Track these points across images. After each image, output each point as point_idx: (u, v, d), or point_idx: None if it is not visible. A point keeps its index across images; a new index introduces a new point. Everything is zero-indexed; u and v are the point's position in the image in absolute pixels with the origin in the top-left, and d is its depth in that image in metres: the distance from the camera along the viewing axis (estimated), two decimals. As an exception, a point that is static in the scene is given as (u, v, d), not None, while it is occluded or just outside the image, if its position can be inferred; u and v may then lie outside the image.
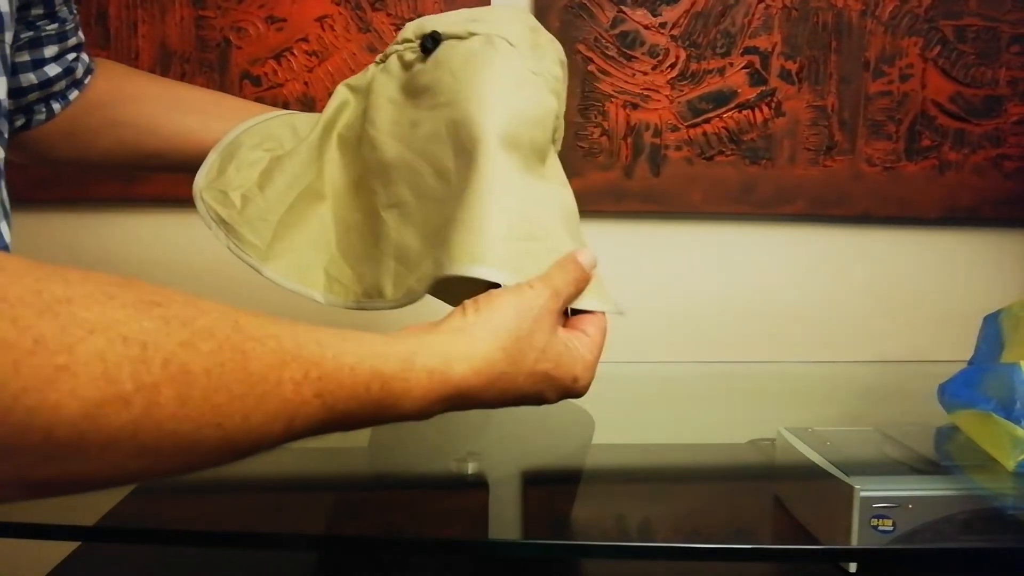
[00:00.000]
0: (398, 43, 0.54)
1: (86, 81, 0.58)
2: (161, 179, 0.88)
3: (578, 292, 0.45)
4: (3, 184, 0.42)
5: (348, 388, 0.32)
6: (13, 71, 0.52)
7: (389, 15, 0.90)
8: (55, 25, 0.53)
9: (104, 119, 0.58)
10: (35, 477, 0.26)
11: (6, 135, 0.44)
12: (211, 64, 0.89)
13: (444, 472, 0.62)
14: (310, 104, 0.90)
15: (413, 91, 0.52)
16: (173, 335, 0.27)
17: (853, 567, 0.58)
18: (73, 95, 0.57)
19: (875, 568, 0.59)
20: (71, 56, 0.55)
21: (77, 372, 0.24)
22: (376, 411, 0.34)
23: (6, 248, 0.44)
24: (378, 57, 0.56)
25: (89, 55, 0.59)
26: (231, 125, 0.58)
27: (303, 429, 0.32)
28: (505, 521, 0.59)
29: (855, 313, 1.00)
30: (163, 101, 0.59)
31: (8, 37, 0.41)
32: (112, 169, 0.63)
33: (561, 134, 0.55)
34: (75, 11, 0.55)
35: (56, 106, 0.56)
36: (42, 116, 0.56)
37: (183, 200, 0.93)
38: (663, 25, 0.92)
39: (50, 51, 0.53)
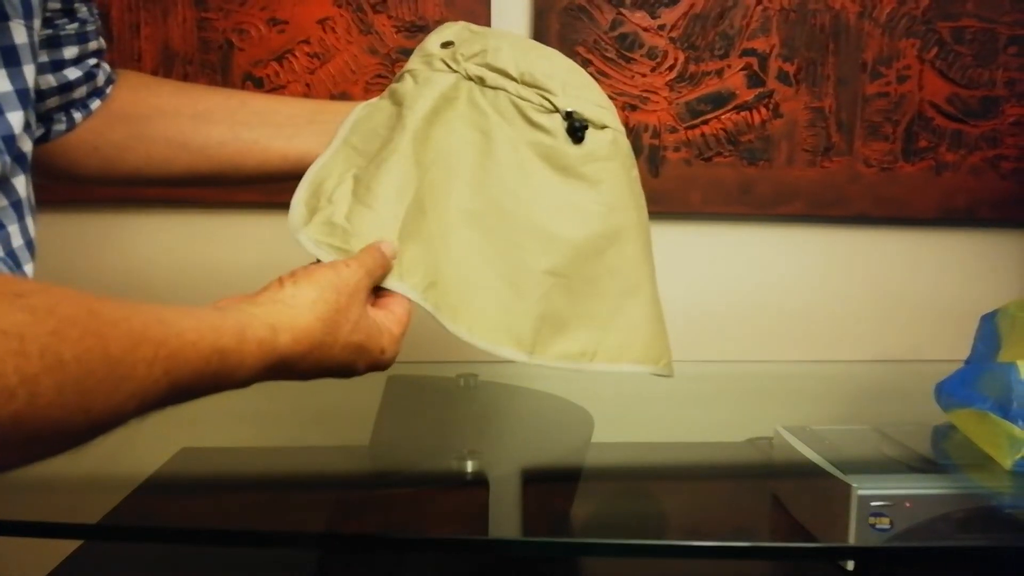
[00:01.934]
0: (503, 76, 0.54)
1: (108, 91, 0.56)
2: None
3: (384, 275, 0.48)
4: (29, 178, 0.42)
5: (192, 364, 0.34)
6: None
7: (390, 17, 0.90)
8: (75, 25, 0.51)
9: (130, 134, 0.56)
10: None
11: (33, 126, 0.43)
12: (213, 66, 0.89)
13: (444, 470, 0.62)
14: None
15: (563, 168, 0.54)
16: (43, 324, 0.28)
17: (851, 565, 0.58)
18: (95, 105, 0.55)
19: (873, 566, 0.59)
20: (92, 61, 0.54)
21: None
22: (214, 383, 0.36)
23: (31, 243, 0.44)
24: (471, 72, 0.55)
25: (110, 64, 0.57)
26: (260, 132, 0.57)
27: (150, 406, 0.33)
28: (505, 519, 0.60)
29: (852, 313, 1.00)
30: (188, 112, 0.57)
31: (36, 24, 0.41)
32: (141, 186, 0.60)
33: None
34: (96, 14, 0.53)
35: (77, 116, 0.55)
36: (62, 126, 0.54)
37: (183, 200, 0.94)
38: (662, 27, 0.92)
39: (70, 52, 0.52)
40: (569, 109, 0.53)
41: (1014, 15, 0.94)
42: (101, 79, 0.55)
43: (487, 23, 0.90)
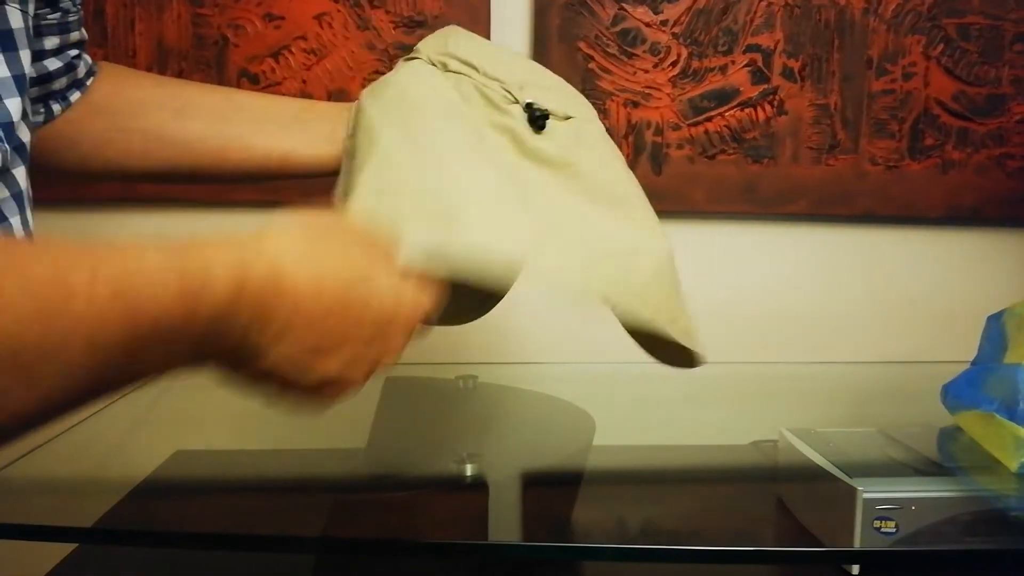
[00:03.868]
0: (466, 64, 0.53)
1: (88, 83, 0.56)
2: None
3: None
4: (26, 170, 0.41)
5: (146, 286, 0.28)
6: None
7: (388, 12, 0.89)
8: (57, 15, 0.51)
9: (110, 127, 0.56)
10: None
11: (31, 114, 0.43)
12: (208, 62, 0.89)
13: (443, 474, 0.61)
14: (309, 102, 0.89)
15: (527, 152, 0.53)
16: None
17: (856, 569, 0.57)
18: (74, 96, 0.55)
19: (878, 570, 0.59)
20: (72, 52, 0.53)
21: None
22: (183, 313, 0.29)
23: (32, 236, 0.43)
24: (432, 58, 0.54)
25: (91, 56, 0.57)
26: (243, 128, 0.56)
27: (111, 358, 0.26)
28: (505, 523, 0.59)
29: (858, 313, 1.00)
30: (170, 106, 0.56)
31: (31, 9, 0.41)
32: (120, 179, 0.59)
33: None
34: (79, 5, 0.53)
35: (56, 107, 0.54)
36: (40, 118, 0.54)
37: (183, 200, 0.93)
38: (664, 23, 0.91)
39: (50, 43, 0.51)
40: (528, 100, 0.53)
41: (1020, 12, 0.94)
42: (82, 70, 0.55)
43: (487, 18, 0.90)
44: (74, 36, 0.53)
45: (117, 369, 0.28)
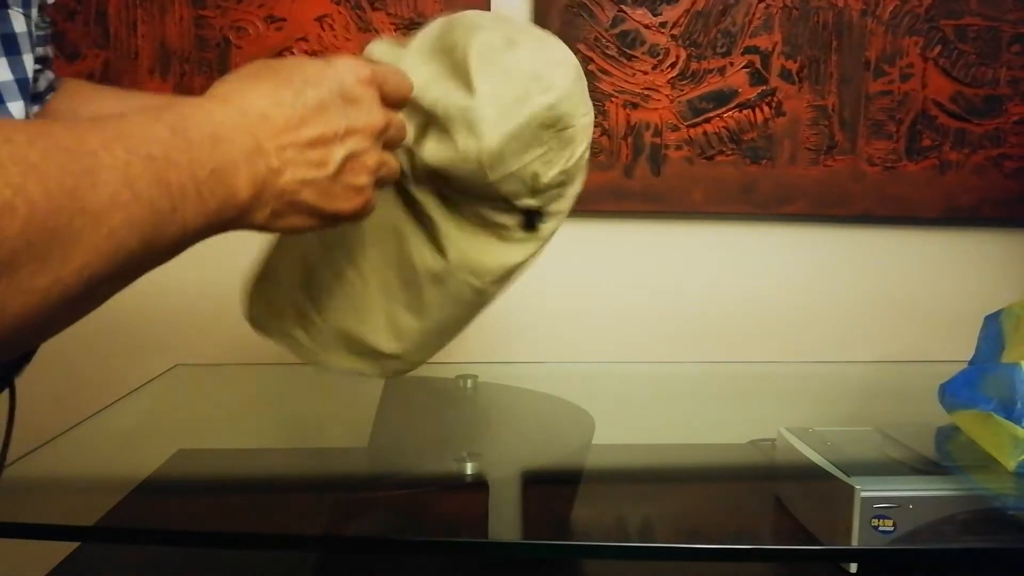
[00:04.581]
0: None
1: (47, 97, 0.54)
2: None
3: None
4: None
5: (154, 141, 0.32)
6: None
7: (389, 14, 0.89)
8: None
9: None
10: None
11: (31, 118, 0.43)
12: (210, 64, 0.89)
13: (444, 472, 0.61)
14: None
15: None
16: None
17: (854, 567, 0.57)
18: (33, 110, 0.52)
19: (876, 568, 0.59)
20: (35, 67, 0.50)
21: None
22: (188, 159, 0.33)
23: None
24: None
25: (56, 74, 0.55)
26: None
27: (143, 197, 0.30)
28: (505, 521, 0.59)
29: (855, 313, 1.00)
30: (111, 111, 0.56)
31: (33, 13, 0.41)
32: None
33: None
34: (47, 22, 0.52)
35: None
36: None
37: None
38: (663, 25, 0.92)
39: None
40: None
41: (1017, 13, 0.94)
42: (42, 84, 0.54)
43: (487, 21, 0.90)
44: (38, 52, 0.51)
45: (159, 194, 0.32)
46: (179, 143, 0.33)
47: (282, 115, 0.38)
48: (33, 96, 0.53)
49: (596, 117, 0.55)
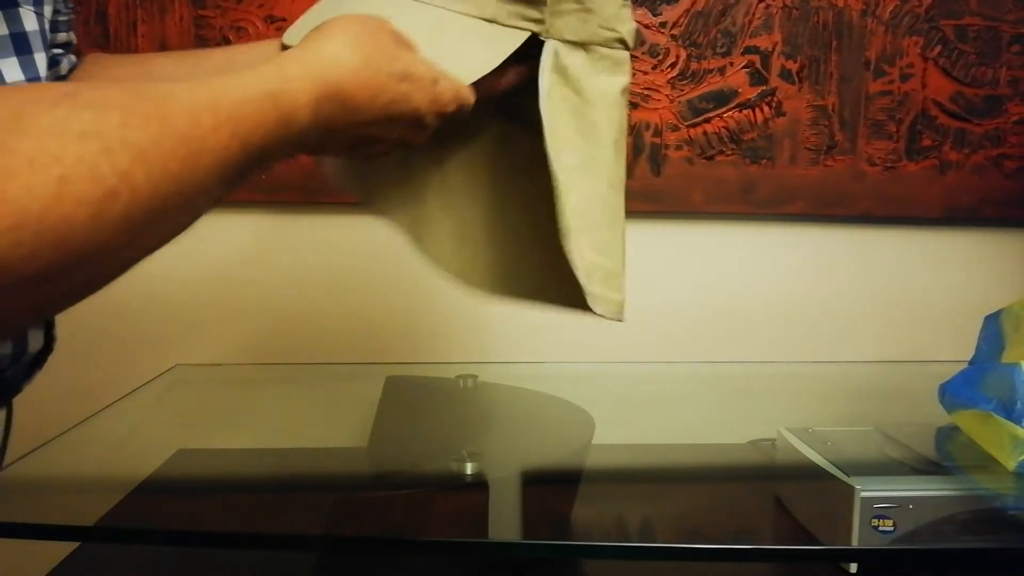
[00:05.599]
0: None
1: (67, 76, 0.54)
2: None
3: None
4: None
5: (252, 117, 0.34)
6: None
7: (389, 14, 0.89)
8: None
9: None
10: (42, 297, 0.27)
11: None
12: (211, 64, 0.89)
13: (444, 472, 0.61)
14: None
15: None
16: (108, 118, 0.27)
17: (854, 567, 0.57)
18: None
19: (876, 568, 0.59)
20: (58, 51, 0.52)
21: (72, 179, 0.25)
22: (279, 131, 0.36)
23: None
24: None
25: (79, 56, 0.55)
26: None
27: (232, 175, 0.33)
28: (505, 521, 0.59)
29: (855, 313, 1.00)
30: (145, 78, 0.55)
31: (47, 11, 0.41)
32: None
33: None
34: (71, 8, 0.52)
35: None
36: None
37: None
38: (663, 24, 0.92)
39: None
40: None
41: (1017, 13, 0.94)
42: (64, 68, 0.54)
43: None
44: (61, 37, 0.52)
45: (237, 173, 0.35)
46: (281, 133, 0.36)
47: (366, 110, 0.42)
48: (56, 79, 0.53)
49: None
